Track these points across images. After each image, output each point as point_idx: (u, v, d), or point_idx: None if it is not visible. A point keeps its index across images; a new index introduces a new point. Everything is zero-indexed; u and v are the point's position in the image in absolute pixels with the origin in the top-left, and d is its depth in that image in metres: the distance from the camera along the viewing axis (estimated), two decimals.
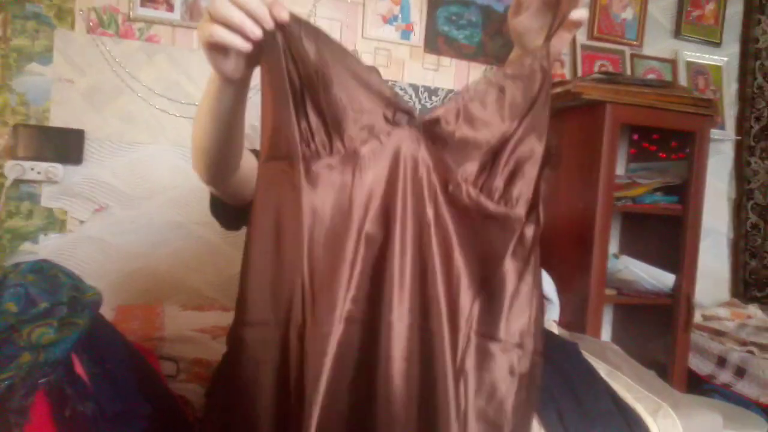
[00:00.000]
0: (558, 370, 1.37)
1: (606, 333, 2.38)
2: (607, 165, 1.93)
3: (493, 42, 2.31)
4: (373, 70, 0.81)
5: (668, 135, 2.23)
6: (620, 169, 2.33)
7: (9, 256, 1.82)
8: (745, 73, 2.66)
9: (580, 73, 2.38)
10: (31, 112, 1.82)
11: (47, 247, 1.85)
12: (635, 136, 2.38)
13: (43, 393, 0.94)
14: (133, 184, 1.92)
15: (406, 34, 2.20)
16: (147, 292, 1.93)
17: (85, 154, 1.86)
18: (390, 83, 2.18)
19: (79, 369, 1.03)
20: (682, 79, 2.52)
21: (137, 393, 1.08)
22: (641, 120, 2.04)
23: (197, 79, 1.97)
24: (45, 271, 1.18)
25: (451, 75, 2.28)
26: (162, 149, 1.94)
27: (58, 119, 1.84)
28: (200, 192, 2.01)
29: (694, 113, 2.02)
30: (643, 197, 2.10)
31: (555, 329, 1.80)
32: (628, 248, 2.35)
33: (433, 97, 2.25)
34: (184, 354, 1.39)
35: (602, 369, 1.41)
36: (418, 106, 2.23)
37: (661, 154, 2.29)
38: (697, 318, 2.31)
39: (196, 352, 1.42)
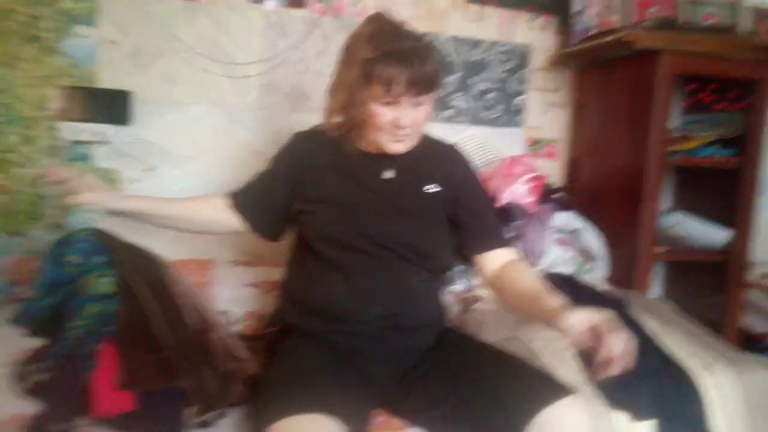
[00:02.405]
0: None
1: (656, 291, 2.34)
2: (659, 118, 1.85)
3: None
4: None
5: (727, 84, 2.11)
6: (673, 122, 2.23)
7: (68, 214, 1.89)
8: None
9: (631, 20, 2.25)
10: (80, 75, 1.86)
11: None
12: (690, 87, 2.26)
13: (109, 340, 0.99)
14: (179, 144, 1.95)
15: None
16: (198, 249, 1.99)
17: (133, 115, 1.89)
18: (431, 35, 2.13)
19: None
20: (745, 24, 2.36)
21: None
22: (698, 69, 1.93)
23: (237, 38, 1.96)
24: (104, 235, 1.23)
25: (495, 26, 2.20)
26: (205, 110, 1.96)
27: (105, 81, 1.87)
28: (243, 152, 2.04)
29: (756, 60, 1.90)
30: (698, 151, 2.01)
31: (603, 287, 1.78)
32: (681, 204, 2.27)
33: (476, 50, 2.18)
34: (236, 307, 1.45)
35: (651, 325, 1.39)
36: (460, 60, 2.18)
37: (718, 105, 2.18)
38: (756, 276, 2.23)
39: (248, 305, 1.48)
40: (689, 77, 2.19)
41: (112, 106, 1.86)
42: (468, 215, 1.21)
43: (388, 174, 1.19)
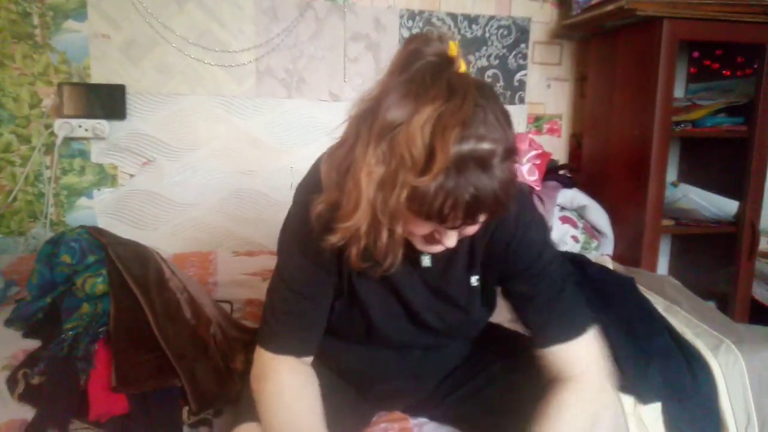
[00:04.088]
0: (612, 306, 1.33)
1: (663, 265, 2.30)
2: (664, 87, 1.79)
3: None
4: None
5: (734, 50, 2.04)
6: (679, 91, 2.17)
7: (67, 212, 1.90)
8: None
9: None
10: (72, 70, 1.84)
11: (102, 202, 1.91)
12: (696, 54, 2.19)
13: (103, 341, 0.99)
14: (176, 136, 1.94)
15: None
16: (198, 240, 1.99)
17: (127, 108, 1.87)
18: (426, 14, 2.08)
19: None
20: None
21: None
22: (703, 35, 1.86)
23: (229, 25, 1.93)
24: (97, 233, 1.22)
25: (492, 0, 2.14)
26: (200, 99, 1.94)
27: (98, 75, 1.86)
28: (241, 143, 2.02)
29: (764, 24, 1.83)
30: (704, 120, 1.96)
31: (609, 264, 1.74)
32: (688, 175, 2.23)
33: (474, 26, 2.13)
34: (238, 296, 1.46)
35: (660, 304, 1.36)
36: (457, 37, 2.12)
37: (725, 71, 2.11)
38: (763, 245, 2.19)
39: (249, 293, 1.49)
40: (694, 44, 2.12)
41: (106, 101, 1.85)
42: (523, 303, 0.90)
43: (426, 261, 0.87)
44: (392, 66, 0.70)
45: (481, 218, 0.70)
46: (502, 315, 1.13)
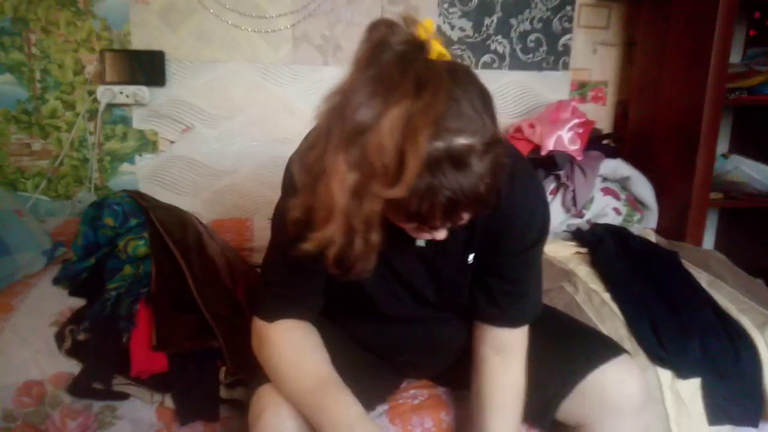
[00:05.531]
0: (653, 280, 1.30)
1: (709, 240, 2.22)
2: (719, 51, 1.69)
3: None
4: None
5: None
6: (735, 56, 2.05)
7: (111, 177, 1.95)
8: None
9: None
10: (113, 37, 1.86)
11: (144, 167, 1.96)
12: (756, 14, 2.05)
13: (144, 301, 1.02)
14: (214, 103, 1.95)
15: None
16: (236, 207, 2.02)
17: (167, 75, 1.89)
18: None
19: None
20: None
21: None
22: None
23: None
24: (139, 197, 1.25)
25: None
26: (238, 66, 1.94)
27: (138, 42, 1.87)
28: (278, 110, 2.02)
29: None
30: (762, 87, 1.84)
31: (652, 237, 1.69)
32: (741, 146, 2.12)
33: None
34: None
35: (703, 279, 1.32)
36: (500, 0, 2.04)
37: None
38: None
39: None
40: (755, 3, 1.99)
41: (147, 67, 1.87)
42: (493, 278, 0.89)
43: (420, 241, 0.86)
44: (358, 59, 0.63)
45: (465, 216, 0.67)
46: (543, 284, 1.11)
